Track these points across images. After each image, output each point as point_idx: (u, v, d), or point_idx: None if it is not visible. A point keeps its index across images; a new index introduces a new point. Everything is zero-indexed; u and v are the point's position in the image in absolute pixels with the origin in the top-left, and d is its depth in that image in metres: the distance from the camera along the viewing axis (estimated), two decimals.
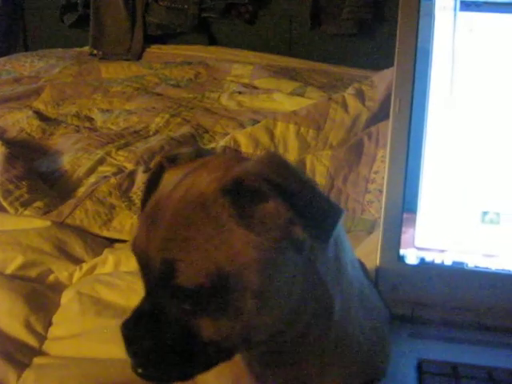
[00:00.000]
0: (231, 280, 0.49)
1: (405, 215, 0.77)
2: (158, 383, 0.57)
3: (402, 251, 0.77)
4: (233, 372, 0.63)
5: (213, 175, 0.52)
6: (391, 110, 0.80)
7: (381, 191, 1.40)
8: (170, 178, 0.56)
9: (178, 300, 0.51)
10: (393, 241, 0.77)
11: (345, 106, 1.70)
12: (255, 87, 2.39)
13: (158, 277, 0.51)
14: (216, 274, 0.49)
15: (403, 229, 0.77)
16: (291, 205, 0.48)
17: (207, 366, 0.54)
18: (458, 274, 0.76)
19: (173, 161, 0.58)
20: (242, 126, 1.91)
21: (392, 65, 0.81)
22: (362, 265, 0.73)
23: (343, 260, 0.58)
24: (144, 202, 0.60)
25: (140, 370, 0.53)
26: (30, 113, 2.09)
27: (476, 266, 0.76)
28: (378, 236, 0.80)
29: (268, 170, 0.49)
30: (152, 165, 0.61)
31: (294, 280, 0.52)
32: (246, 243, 0.49)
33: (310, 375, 0.59)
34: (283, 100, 2.17)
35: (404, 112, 0.79)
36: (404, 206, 0.77)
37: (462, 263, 0.77)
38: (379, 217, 1.31)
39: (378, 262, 0.78)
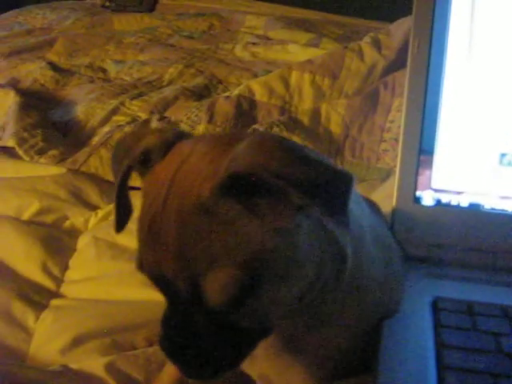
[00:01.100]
0: (258, 277, 0.47)
1: (421, 157, 0.76)
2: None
3: (418, 193, 0.77)
4: None
5: (201, 174, 0.47)
6: (409, 50, 0.78)
7: (396, 140, 1.39)
8: (151, 187, 0.51)
9: (211, 317, 0.50)
10: (409, 182, 0.77)
11: (361, 54, 1.68)
12: (269, 38, 2.36)
13: (186, 298, 0.49)
14: (243, 279, 0.47)
15: (420, 170, 0.77)
16: (295, 188, 0.44)
17: (252, 349, 0.54)
18: (474, 215, 0.76)
19: (143, 162, 0.53)
20: (256, 76, 1.89)
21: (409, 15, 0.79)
22: (374, 205, 0.73)
23: (351, 206, 0.57)
24: (118, 209, 0.56)
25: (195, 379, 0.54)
26: (44, 64, 2.08)
27: (492, 208, 0.76)
28: (393, 182, 0.80)
29: (262, 157, 0.45)
30: (119, 170, 0.56)
31: (314, 248, 0.51)
32: (263, 232, 0.47)
33: (328, 317, 0.60)
34: (298, 51, 2.14)
35: (422, 52, 0.77)
36: (421, 147, 0.76)
37: (478, 205, 0.76)
38: (394, 165, 1.30)
39: (394, 203, 0.77)
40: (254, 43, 2.30)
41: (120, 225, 0.57)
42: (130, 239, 1.12)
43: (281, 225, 0.47)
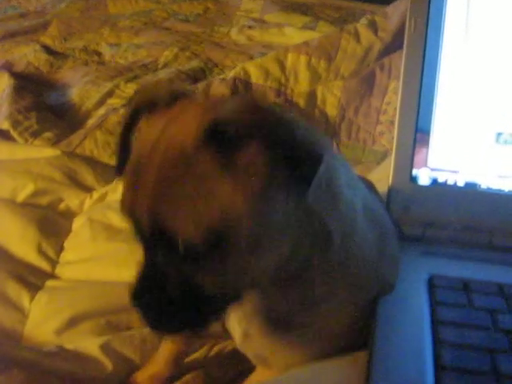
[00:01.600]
0: (224, 235, 0.48)
1: (418, 135, 0.76)
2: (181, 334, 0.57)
3: (414, 171, 0.76)
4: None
5: (190, 123, 0.49)
6: (406, 30, 0.78)
7: (392, 122, 1.38)
8: (147, 130, 0.52)
9: (174, 258, 0.50)
10: (405, 161, 0.76)
11: (357, 36, 1.66)
12: (265, 22, 2.35)
13: (151, 237, 0.50)
14: (207, 231, 0.47)
15: (416, 149, 0.76)
16: (271, 151, 0.46)
17: (220, 312, 0.55)
18: (470, 194, 0.76)
19: (148, 107, 0.54)
20: (252, 59, 1.88)
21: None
22: (371, 185, 0.73)
23: (337, 183, 0.56)
24: (120, 152, 0.57)
25: (159, 332, 0.54)
26: (38, 47, 2.07)
27: (489, 188, 0.75)
28: (388, 164, 0.79)
29: (244, 112, 0.47)
30: (125, 111, 0.58)
31: (287, 222, 0.51)
32: (234, 194, 0.47)
33: (318, 293, 0.59)
34: (294, 34, 2.13)
35: (419, 31, 0.77)
36: (417, 125, 0.76)
37: (474, 184, 0.76)
38: (390, 148, 1.30)
39: (390, 182, 0.77)
40: (249, 26, 2.29)
41: (120, 168, 0.57)
42: (124, 221, 1.12)
43: (253, 191, 0.48)
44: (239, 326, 0.65)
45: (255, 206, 0.48)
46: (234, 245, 0.49)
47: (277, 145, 0.46)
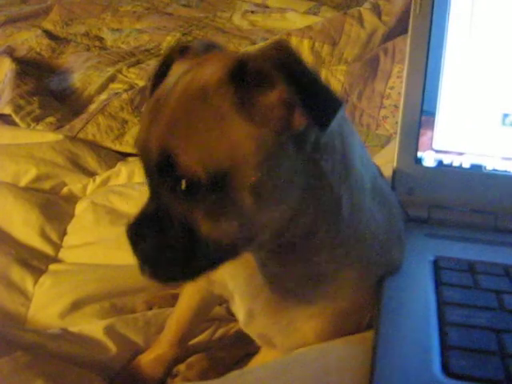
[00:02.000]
0: (229, 173, 0.48)
1: (423, 117, 0.75)
2: (168, 283, 0.56)
3: (419, 153, 0.76)
4: (247, 272, 0.63)
5: (216, 65, 0.50)
6: (411, 11, 0.77)
7: (396, 106, 1.38)
8: (176, 70, 0.53)
9: (177, 196, 0.50)
10: (410, 143, 0.76)
11: (361, 20, 1.66)
12: (268, 7, 2.34)
13: (157, 169, 0.50)
14: (214, 167, 0.47)
15: (421, 131, 0.76)
16: (295, 88, 0.46)
17: (213, 265, 0.54)
18: (475, 176, 0.75)
19: (183, 52, 0.56)
20: (254, 44, 1.88)
21: None
22: (377, 168, 0.72)
23: (351, 156, 0.56)
24: (152, 93, 0.57)
25: (146, 270, 0.53)
26: (39, 32, 2.07)
27: (494, 169, 0.75)
28: (393, 148, 0.79)
29: (274, 53, 0.47)
30: (162, 55, 0.59)
31: (295, 178, 0.51)
32: (246, 135, 0.48)
33: (325, 271, 0.59)
34: (297, 19, 2.12)
35: (425, 12, 0.76)
36: (423, 107, 0.75)
37: (480, 166, 0.75)
38: (394, 132, 1.29)
39: (395, 164, 0.76)
40: (252, 11, 2.28)
41: None
42: (128, 204, 1.11)
43: (266, 136, 0.48)
44: (243, 305, 0.65)
45: (266, 153, 0.48)
46: (237, 188, 0.48)
47: (299, 83, 0.46)
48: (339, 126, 0.54)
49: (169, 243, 0.51)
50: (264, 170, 0.49)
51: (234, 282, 0.65)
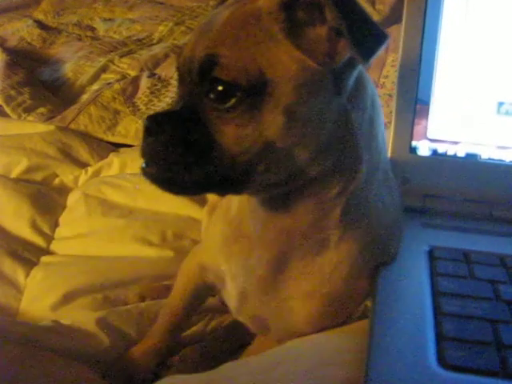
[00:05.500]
0: (268, 85, 0.50)
1: (418, 106, 0.75)
2: (164, 189, 0.54)
3: (414, 143, 0.75)
4: (242, 255, 0.63)
5: None
6: (405, 0, 0.76)
7: (390, 96, 1.37)
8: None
9: (212, 96, 0.51)
10: (405, 132, 0.75)
11: None
12: None
13: (199, 70, 0.52)
14: (255, 75, 0.50)
15: (416, 120, 0.75)
16: (344, 18, 0.48)
17: (216, 185, 0.53)
18: (470, 165, 0.74)
19: None
20: None
21: None
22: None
23: (377, 125, 0.58)
24: None
25: (147, 169, 0.52)
26: (30, 22, 2.05)
27: (490, 158, 0.74)
28: (387, 136, 0.78)
29: None
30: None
31: (326, 118, 0.53)
32: (291, 56, 0.50)
33: (330, 236, 0.59)
34: None
35: (419, 2, 0.75)
36: (417, 96, 0.75)
37: (475, 155, 0.75)
38: (388, 121, 1.29)
39: (389, 154, 0.75)
40: None
41: None
42: (120, 196, 1.11)
43: (307, 62, 0.51)
44: (236, 287, 0.64)
45: (306, 78, 0.51)
46: (271, 100, 0.50)
47: (348, 13, 0.48)
48: (372, 92, 0.57)
49: (183, 145, 0.51)
50: (301, 94, 0.51)
51: (229, 264, 0.65)
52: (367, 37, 0.49)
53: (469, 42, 0.74)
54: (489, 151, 0.74)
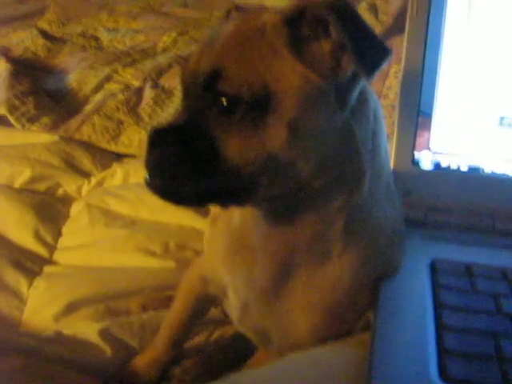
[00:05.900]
0: (272, 99, 0.50)
1: (420, 119, 0.75)
2: (168, 200, 0.54)
3: (416, 155, 0.75)
4: (245, 266, 0.63)
5: (279, 11, 0.53)
6: (408, 13, 0.77)
7: (393, 107, 1.37)
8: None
9: (214, 112, 0.52)
10: (407, 145, 0.75)
11: None
12: (264, 7, 2.33)
13: (203, 83, 0.52)
14: (259, 88, 0.50)
15: (418, 133, 0.75)
16: (348, 33, 0.49)
17: (218, 199, 0.54)
18: (473, 179, 0.75)
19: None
20: None
21: None
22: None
23: (379, 138, 0.59)
24: None
25: (151, 181, 0.52)
26: (35, 32, 2.05)
27: (492, 172, 0.74)
28: (390, 148, 0.78)
29: (332, 2, 0.50)
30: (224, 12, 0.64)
31: (330, 133, 0.53)
32: (294, 70, 0.51)
33: (333, 247, 0.59)
34: None
35: (422, 13, 0.76)
36: (419, 109, 0.75)
37: (478, 168, 0.75)
38: (391, 133, 1.29)
39: (392, 165, 0.76)
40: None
41: None
42: (123, 206, 1.11)
43: (311, 76, 0.51)
44: (238, 298, 0.64)
45: (309, 93, 0.51)
46: (274, 114, 0.51)
47: (352, 29, 0.49)
48: (375, 105, 0.58)
49: (187, 157, 0.51)
50: (304, 108, 0.52)
51: (231, 275, 0.65)
52: (371, 52, 0.50)
53: (471, 54, 0.74)
54: (492, 164, 0.74)
